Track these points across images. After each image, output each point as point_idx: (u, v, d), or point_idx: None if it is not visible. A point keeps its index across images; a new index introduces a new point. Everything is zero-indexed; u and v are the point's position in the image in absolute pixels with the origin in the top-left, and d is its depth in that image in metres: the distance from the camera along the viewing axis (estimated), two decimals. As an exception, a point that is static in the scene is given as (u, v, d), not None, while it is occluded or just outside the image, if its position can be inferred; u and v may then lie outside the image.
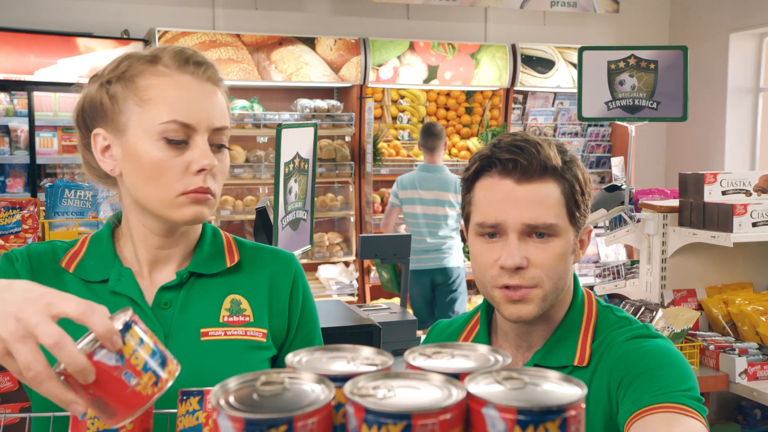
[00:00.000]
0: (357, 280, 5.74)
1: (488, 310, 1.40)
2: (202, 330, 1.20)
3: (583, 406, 0.60)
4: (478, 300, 5.70)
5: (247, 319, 1.24)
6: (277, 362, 1.28)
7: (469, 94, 6.38)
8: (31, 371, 0.79)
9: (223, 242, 1.29)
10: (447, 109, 6.37)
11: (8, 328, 0.80)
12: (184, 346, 1.18)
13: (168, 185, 1.13)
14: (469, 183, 1.30)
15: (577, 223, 1.28)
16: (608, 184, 3.55)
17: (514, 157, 1.22)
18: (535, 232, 1.24)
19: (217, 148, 1.17)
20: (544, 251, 1.24)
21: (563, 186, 1.25)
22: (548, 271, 1.24)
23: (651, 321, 2.95)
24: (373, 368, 0.67)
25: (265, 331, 1.25)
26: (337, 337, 2.06)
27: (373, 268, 5.69)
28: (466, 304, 4.95)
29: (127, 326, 0.83)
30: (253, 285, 1.27)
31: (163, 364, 0.85)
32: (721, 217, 2.95)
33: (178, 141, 1.13)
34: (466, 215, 1.32)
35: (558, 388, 0.62)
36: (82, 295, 1.16)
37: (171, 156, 1.13)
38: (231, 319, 1.23)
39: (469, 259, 5.37)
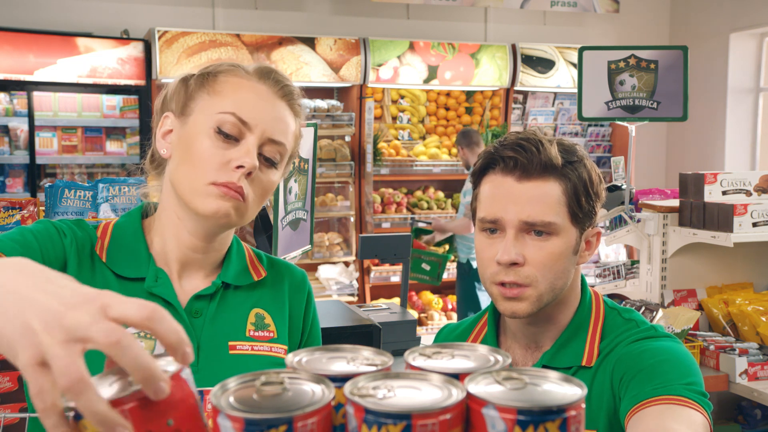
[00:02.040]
0: (357, 280, 5.74)
1: (496, 311, 1.41)
2: (230, 343, 1.20)
3: (583, 406, 0.60)
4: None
5: (271, 334, 1.24)
6: None
7: (469, 94, 6.38)
8: (66, 377, 0.57)
9: (245, 254, 1.29)
10: (447, 109, 6.37)
11: (52, 330, 0.59)
12: (214, 357, 1.18)
13: (203, 172, 1.12)
14: (476, 179, 1.33)
15: (580, 223, 1.28)
16: (608, 184, 3.54)
17: (515, 156, 1.24)
18: (534, 229, 1.25)
19: (266, 160, 1.16)
20: (542, 249, 1.25)
21: (565, 185, 1.26)
22: (543, 270, 1.25)
23: (651, 321, 2.95)
24: (373, 368, 0.67)
25: (286, 347, 1.25)
26: (337, 337, 2.06)
27: (374, 267, 5.69)
28: None
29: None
30: (274, 299, 1.27)
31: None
32: (721, 217, 2.95)
33: (229, 135, 1.13)
34: (473, 210, 1.34)
35: (558, 389, 0.62)
36: (115, 289, 1.10)
37: (218, 148, 1.13)
38: (256, 333, 1.23)
39: None
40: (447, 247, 5.30)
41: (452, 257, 5.19)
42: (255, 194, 1.16)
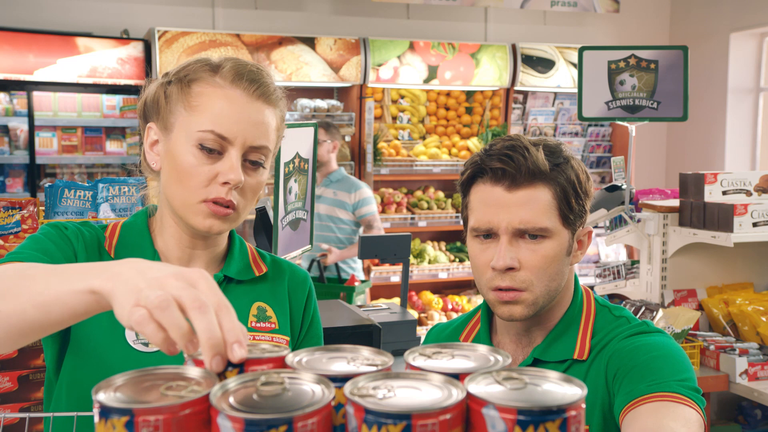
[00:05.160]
0: (357, 280, 5.74)
1: (489, 308, 1.43)
2: None
3: (584, 406, 0.60)
4: (478, 300, 5.70)
5: (273, 325, 1.29)
6: None
7: (469, 94, 6.37)
8: (158, 299, 0.72)
9: (248, 252, 1.34)
10: (447, 109, 6.37)
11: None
12: None
13: (193, 189, 1.16)
14: (465, 188, 1.34)
15: (571, 224, 1.29)
16: (608, 184, 3.54)
17: (503, 166, 1.26)
18: (527, 233, 1.26)
19: (251, 164, 1.19)
20: (535, 253, 1.26)
21: (554, 189, 1.27)
22: (538, 273, 1.27)
23: (651, 321, 2.95)
24: (374, 369, 0.67)
25: (288, 338, 1.30)
26: (337, 337, 2.06)
27: (374, 268, 5.69)
28: None
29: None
30: (275, 294, 1.32)
31: None
32: (721, 217, 2.95)
33: (211, 149, 1.16)
34: (464, 218, 1.36)
35: (558, 389, 0.62)
36: None
37: (202, 163, 1.16)
38: (258, 324, 1.27)
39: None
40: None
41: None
42: (246, 199, 1.20)
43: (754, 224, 2.93)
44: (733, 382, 2.84)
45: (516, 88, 6.17)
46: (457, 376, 0.65)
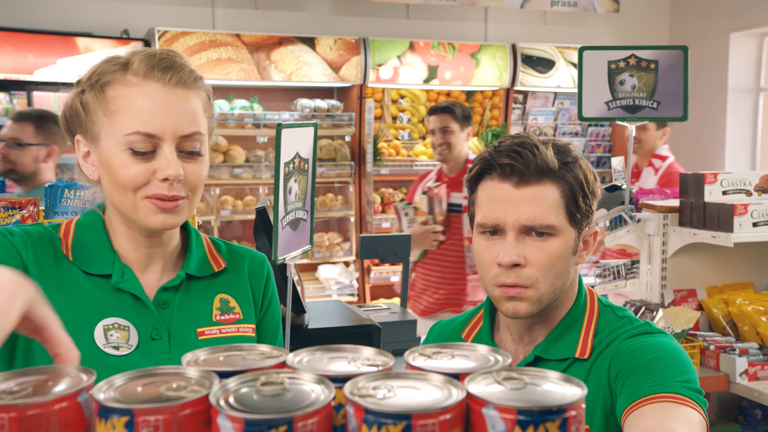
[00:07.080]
0: (357, 280, 5.74)
1: (491, 306, 1.44)
2: (199, 329, 1.26)
3: (584, 406, 0.60)
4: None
5: (237, 316, 1.30)
6: None
7: (470, 94, 6.37)
8: None
9: (204, 246, 1.34)
10: (447, 109, 6.36)
11: None
12: (185, 345, 1.22)
13: (133, 191, 1.15)
14: (472, 184, 1.34)
15: (578, 223, 1.30)
16: (608, 184, 3.54)
17: (512, 162, 1.26)
18: (534, 231, 1.25)
19: (188, 154, 1.17)
20: (542, 250, 1.26)
21: (562, 187, 1.27)
22: (544, 270, 1.26)
23: (651, 321, 2.94)
24: (374, 369, 0.67)
25: (254, 326, 1.32)
26: (337, 337, 2.06)
27: (374, 268, 5.68)
28: None
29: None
30: (236, 284, 1.33)
31: None
32: (721, 217, 2.95)
33: (144, 152, 1.14)
34: (470, 215, 1.37)
35: (558, 389, 0.62)
36: (84, 286, 1.19)
37: (138, 165, 1.14)
38: (223, 317, 1.28)
39: None
40: None
41: None
42: (191, 188, 1.19)
43: (754, 224, 2.93)
44: (733, 382, 2.84)
45: (516, 88, 6.17)
46: (457, 376, 0.65)
